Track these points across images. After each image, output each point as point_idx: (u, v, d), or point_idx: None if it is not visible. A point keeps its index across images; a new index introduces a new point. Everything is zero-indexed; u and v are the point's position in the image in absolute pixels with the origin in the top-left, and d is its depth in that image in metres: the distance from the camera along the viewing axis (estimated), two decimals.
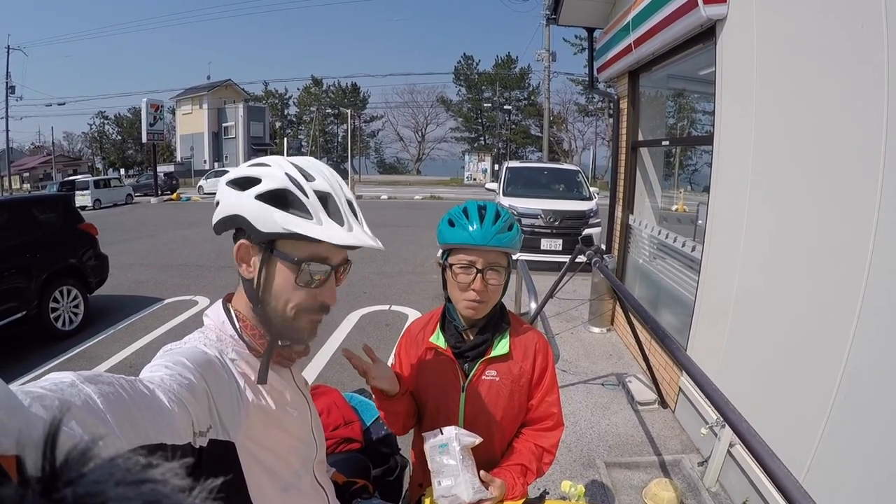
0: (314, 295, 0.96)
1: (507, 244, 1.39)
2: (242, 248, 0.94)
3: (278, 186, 0.90)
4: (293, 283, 0.93)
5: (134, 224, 17.46)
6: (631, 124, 5.62)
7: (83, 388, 0.56)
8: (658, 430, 3.90)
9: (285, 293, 0.94)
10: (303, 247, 0.92)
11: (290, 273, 0.93)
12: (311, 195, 0.91)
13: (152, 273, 9.46)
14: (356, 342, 5.81)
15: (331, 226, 0.90)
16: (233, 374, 0.91)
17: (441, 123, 60.46)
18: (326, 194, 0.93)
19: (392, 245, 11.52)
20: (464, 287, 1.41)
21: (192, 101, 48.03)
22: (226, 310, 0.99)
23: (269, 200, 0.89)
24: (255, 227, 0.90)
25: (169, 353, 0.85)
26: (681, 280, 4.49)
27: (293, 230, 0.88)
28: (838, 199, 2.32)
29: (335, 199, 0.94)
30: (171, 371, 0.78)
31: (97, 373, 0.61)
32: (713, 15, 3.28)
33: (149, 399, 0.67)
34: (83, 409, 0.54)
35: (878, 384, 2.04)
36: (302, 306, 0.95)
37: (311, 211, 0.90)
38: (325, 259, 0.94)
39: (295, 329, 0.97)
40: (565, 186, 10.83)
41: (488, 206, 1.44)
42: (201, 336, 0.95)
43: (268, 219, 0.89)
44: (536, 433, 1.58)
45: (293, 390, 1.06)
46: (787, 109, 2.72)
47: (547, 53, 27.41)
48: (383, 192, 32.01)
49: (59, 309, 6.16)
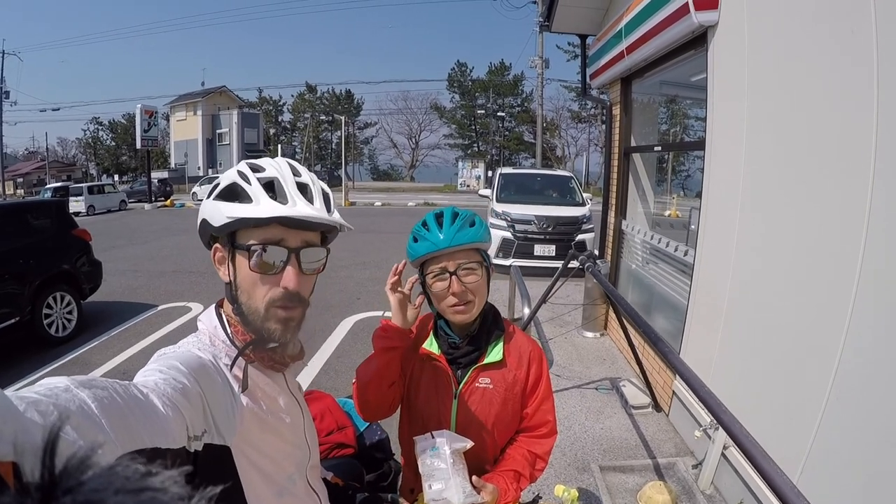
0: (276, 281, 0.95)
1: (471, 239, 1.39)
2: (216, 252, 0.99)
3: (228, 183, 0.95)
4: (250, 270, 0.94)
5: (128, 230, 17.40)
6: (623, 130, 5.65)
7: (78, 393, 0.56)
8: (652, 434, 3.90)
9: (249, 284, 0.95)
10: (255, 233, 0.93)
11: (247, 262, 0.94)
12: (253, 182, 0.93)
13: (146, 279, 9.41)
14: (350, 348, 5.83)
15: (268, 203, 0.91)
16: (227, 378, 0.91)
17: (435, 130, 60.78)
18: (272, 179, 0.95)
19: (385, 251, 11.51)
20: (443, 295, 1.41)
21: (187, 108, 47.98)
22: (218, 315, 1.00)
23: (220, 198, 0.94)
24: (211, 225, 0.94)
25: (163, 358, 0.85)
26: (674, 284, 4.50)
27: (234, 216, 0.91)
28: (829, 203, 2.33)
29: (281, 182, 0.95)
30: (165, 375, 0.77)
31: (92, 377, 0.61)
32: (704, 21, 3.31)
33: (143, 403, 0.66)
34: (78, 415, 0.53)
35: (870, 386, 2.05)
36: (269, 298, 0.95)
37: (252, 196, 0.92)
38: (279, 241, 0.94)
39: (267, 328, 0.96)
40: (558, 192, 10.85)
41: (445, 212, 1.43)
42: (195, 340, 0.96)
43: (218, 213, 0.93)
44: (530, 440, 1.58)
45: (287, 395, 1.05)
46: (779, 114, 2.74)
47: (540, 60, 27.57)
48: (377, 198, 31.98)
49: (52, 315, 6.12)
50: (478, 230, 1.40)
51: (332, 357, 5.58)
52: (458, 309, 1.41)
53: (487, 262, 1.46)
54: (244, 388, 0.94)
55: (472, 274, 1.40)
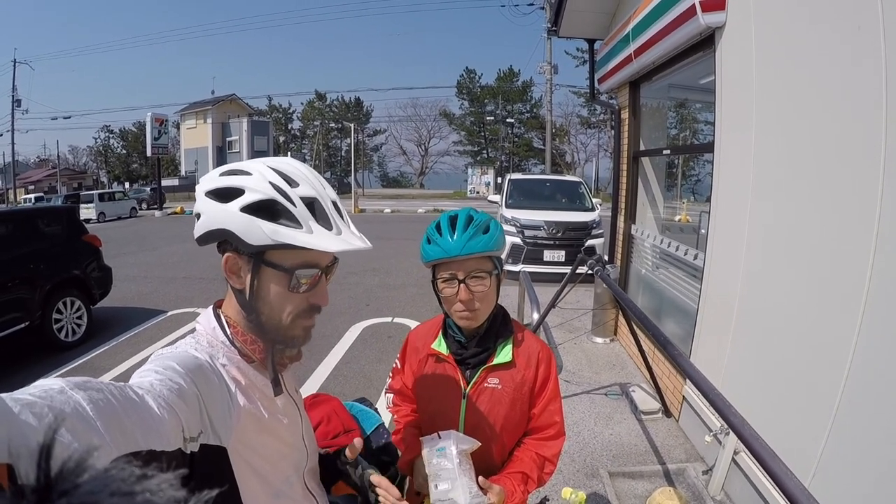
0: (306, 298, 0.96)
1: (483, 248, 1.37)
2: (230, 260, 0.93)
3: (264, 197, 0.88)
4: (286, 290, 0.93)
5: (138, 237, 17.60)
6: (632, 134, 5.64)
7: (73, 395, 0.56)
8: (662, 440, 3.87)
9: (279, 301, 0.94)
10: (293, 254, 0.91)
11: (282, 281, 0.93)
12: (298, 203, 0.89)
13: (156, 285, 9.47)
14: (359, 354, 5.85)
15: (321, 232, 0.89)
16: (224, 378, 0.91)
17: (444, 137, 60.91)
18: (313, 199, 0.92)
19: (395, 258, 11.59)
20: (451, 300, 1.41)
21: (197, 116, 48.38)
22: (216, 316, 0.99)
23: (255, 212, 0.87)
24: (243, 241, 0.87)
25: (160, 358, 0.85)
26: (683, 289, 4.47)
27: (284, 241, 0.86)
28: (839, 205, 2.32)
29: (321, 204, 0.92)
30: (161, 376, 0.77)
31: (86, 379, 0.61)
32: (712, 23, 3.30)
33: (138, 405, 0.66)
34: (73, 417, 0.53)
35: (882, 388, 2.02)
36: (296, 312, 0.96)
37: (300, 219, 0.88)
38: (316, 263, 0.94)
39: (290, 336, 0.97)
40: (568, 198, 10.84)
41: (459, 214, 1.41)
42: (192, 341, 0.95)
43: (257, 231, 0.86)
44: (538, 442, 1.57)
45: (284, 396, 1.05)
46: (787, 115, 2.73)
47: (549, 66, 27.60)
48: (387, 205, 32.18)
49: (62, 320, 6.17)
50: (491, 237, 1.39)
51: (340, 362, 5.58)
52: (464, 315, 1.42)
53: (499, 268, 1.46)
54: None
55: (482, 283, 1.40)
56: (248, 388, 0.95)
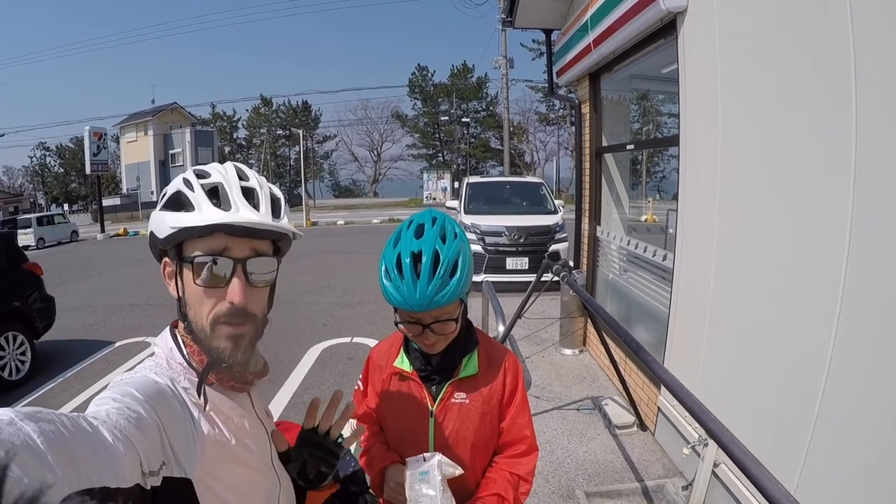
0: (223, 295, 0.95)
1: (451, 300, 1.31)
2: (165, 266, 0.99)
3: (173, 192, 0.95)
4: (195, 285, 0.94)
5: (80, 262, 17.53)
6: (594, 129, 5.74)
7: (22, 427, 0.54)
8: (638, 455, 3.90)
9: (196, 301, 0.95)
10: (199, 244, 0.93)
11: (192, 276, 0.94)
12: (197, 189, 0.94)
13: (101, 315, 9.39)
14: (319, 379, 5.81)
15: (209, 210, 0.91)
16: (186, 404, 0.90)
17: (397, 140, 61.20)
18: (216, 185, 0.95)
19: (351, 273, 11.66)
20: (413, 338, 1.42)
21: (137, 128, 47.81)
22: (173, 336, 1.00)
23: (166, 208, 0.95)
24: (157, 238, 0.95)
25: (118, 385, 0.84)
26: (654, 293, 4.55)
27: (176, 225, 0.91)
28: (812, 198, 2.38)
29: (225, 187, 0.95)
30: (118, 404, 0.76)
31: (37, 409, 0.59)
32: (673, 7, 3.39)
33: (91, 438, 0.64)
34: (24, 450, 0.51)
35: (864, 386, 2.08)
36: (216, 314, 0.94)
37: (195, 203, 0.92)
38: (223, 251, 0.94)
39: (214, 347, 0.95)
40: (529, 201, 10.98)
41: (423, 252, 1.31)
42: (153, 364, 0.96)
43: (162, 224, 0.93)
44: (510, 460, 1.57)
45: (252, 419, 1.04)
46: (755, 104, 2.81)
47: (504, 60, 28.06)
48: (340, 216, 32.19)
49: (5, 357, 6.07)
50: (460, 280, 1.32)
51: (299, 388, 5.54)
52: (426, 347, 1.43)
53: (465, 303, 1.44)
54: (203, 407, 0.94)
55: (447, 326, 1.37)
56: (211, 412, 0.94)
